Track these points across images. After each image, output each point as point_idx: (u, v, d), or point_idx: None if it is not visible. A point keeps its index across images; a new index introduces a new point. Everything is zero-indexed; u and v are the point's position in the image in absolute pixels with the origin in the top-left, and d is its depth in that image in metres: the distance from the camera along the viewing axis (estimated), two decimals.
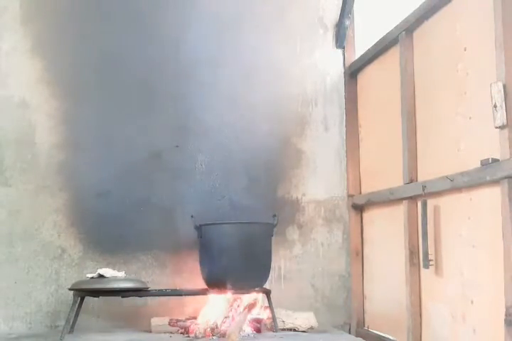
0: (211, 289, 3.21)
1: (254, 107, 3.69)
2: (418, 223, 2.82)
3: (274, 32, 3.77)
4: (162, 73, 3.63)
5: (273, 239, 3.34)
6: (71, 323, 3.14)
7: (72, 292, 3.15)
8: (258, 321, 3.20)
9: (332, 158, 3.78)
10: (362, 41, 3.75)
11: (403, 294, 2.94)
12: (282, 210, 3.61)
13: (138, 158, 3.57)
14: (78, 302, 3.15)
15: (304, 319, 3.28)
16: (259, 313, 3.24)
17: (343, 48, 3.83)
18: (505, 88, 2.16)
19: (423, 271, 2.80)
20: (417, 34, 2.96)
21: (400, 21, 3.05)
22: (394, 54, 3.16)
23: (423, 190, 2.74)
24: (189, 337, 3.06)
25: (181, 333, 3.15)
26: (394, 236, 3.12)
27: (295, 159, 3.74)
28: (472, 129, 2.45)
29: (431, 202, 2.72)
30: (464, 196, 2.49)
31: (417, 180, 2.89)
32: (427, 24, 2.86)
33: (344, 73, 3.82)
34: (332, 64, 3.83)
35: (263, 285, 3.29)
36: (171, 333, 3.17)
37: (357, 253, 3.65)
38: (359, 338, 3.15)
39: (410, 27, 2.97)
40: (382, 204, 3.34)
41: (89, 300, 3.26)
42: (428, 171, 2.83)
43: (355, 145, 3.74)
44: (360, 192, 3.68)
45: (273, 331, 3.17)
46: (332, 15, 3.83)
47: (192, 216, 3.27)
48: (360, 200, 3.60)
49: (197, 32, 3.67)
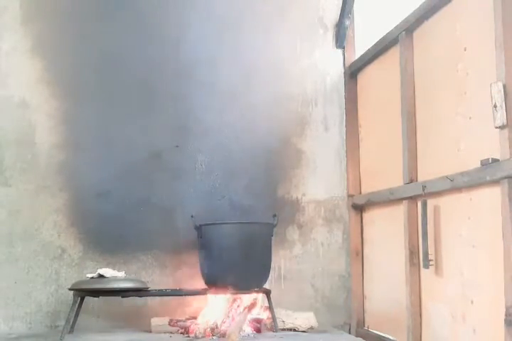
0: (211, 289, 3.21)
1: (254, 107, 3.69)
2: (418, 223, 2.82)
3: (274, 32, 3.77)
4: (162, 73, 3.63)
5: (273, 239, 3.34)
6: (71, 323, 3.14)
7: (72, 292, 3.15)
8: (258, 321, 3.20)
9: (332, 158, 3.78)
10: (362, 41, 3.75)
11: (403, 294, 2.94)
12: (282, 210, 3.61)
13: (138, 158, 3.57)
14: (78, 302, 3.15)
15: (304, 319, 3.28)
16: (259, 313, 3.24)
17: (343, 48, 3.83)
18: (505, 88, 2.16)
19: (423, 271, 2.80)
20: (417, 34, 2.96)
21: (400, 21, 3.05)
22: (394, 54, 3.16)
23: (423, 190, 2.74)
24: (189, 337, 3.06)
25: (181, 333, 3.15)
26: (394, 236, 3.12)
27: (295, 159, 3.74)
28: (472, 129, 2.45)
29: (431, 202, 2.72)
30: (464, 196, 2.49)
31: (417, 180, 2.89)
32: (427, 24, 2.86)
33: (344, 73, 3.82)
34: (332, 64, 3.83)
35: (263, 285, 3.29)
36: (171, 333, 3.18)
37: (357, 253, 3.65)
38: (359, 338, 3.15)
39: (410, 27, 2.97)
40: (382, 204, 3.34)
41: (89, 300, 3.26)
42: (428, 171, 2.82)
43: (355, 145, 3.74)
44: (360, 192, 3.68)
45: (273, 331, 3.17)
46: (332, 15, 3.83)
47: (192, 216, 3.27)
48: (360, 200, 3.60)
49: (197, 32, 3.67)
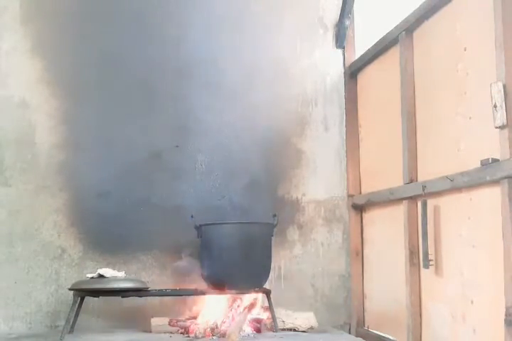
0: (211, 289, 3.21)
1: (254, 107, 3.69)
2: (418, 223, 2.82)
3: (274, 32, 3.77)
4: (162, 73, 3.63)
5: (273, 239, 3.34)
6: (71, 323, 3.14)
7: (72, 292, 3.15)
8: (258, 321, 3.20)
9: (332, 158, 3.78)
10: (362, 41, 3.75)
11: (403, 294, 2.94)
12: (282, 210, 3.61)
13: (138, 158, 3.57)
14: (78, 302, 3.14)
15: (304, 319, 3.28)
16: (259, 313, 3.24)
17: (343, 48, 3.83)
18: (505, 88, 2.16)
19: (423, 271, 2.80)
20: (417, 34, 2.96)
21: (400, 21, 3.05)
22: (394, 54, 3.16)
23: (423, 190, 2.74)
24: (189, 337, 3.06)
25: (181, 333, 3.15)
26: (394, 236, 3.12)
27: (295, 159, 3.74)
28: (472, 129, 2.45)
29: (431, 202, 2.72)
30: (464, 196, 2.49)
31: (417, 180, 2.89)
32: (427, 24, 2.86)
33: (344, 73, 3.82)
34: (332, 64, 3.83)
35: (263, 285, 3.29)
36: (171, 333, 3.17)
37: (357, 253, 3.65)
38: (359, 338, 3.15)
39: (410, 27, 2.97)
40: (382, 204, 3.34)
41: (89, 300, 3.26)
42: (428, 171, 2.82)
43: (355, 145, 3.74)
44: (360, 192, 3.68)
45: (273, 331, 3.17)
46: (332, 15, 3.83)
47: (192, 216, 3.27)
48: (360, 200, 3.60)
49: (197, 32, 3.67)
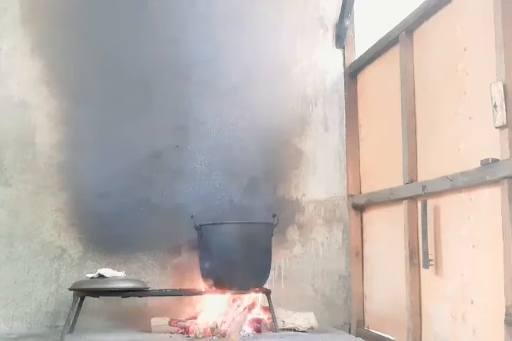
0: (211, 289, 3.21)
1: (254, 107, 3.69)
2: (418, 223, 2.82)
3: (274, 32, 3.77)
4: (162, 73, 3.63)
5: (273, 239, 3.34)
6: (71, 323, 3.14)
7: (72, 292, 3.15)
8: (258, 321, 3.20)
9: (332, 158, 3.78)
10: (362, 41, 3.75)
11: (403, 294, 2.94)
12: (282, 210, 3.61)
13: (138, 158, 3.57)
14: (78, 302, 3.15)
15: (304, 319, 3.28)
16: (259, 313, 3.24)
17: (343, 48, 3.83)
18: (505, 88, 2.16)
19: (423, 271, 2.80)
20: (417, 34, 2.96)
21: (400, 21, 3.05)
22: (394, 54, 3.16)
23: (423, 190, 2.74)
24: (189, 337, 3.06)
25: (181, 333, 3.15)
26: (394, 236, 3.11)
27: (295, 159, 3.74)
28: (472, 129, 2.45)
29: (431, 202, 2.72)
30: (464, 196, 2.49)
31: (417, 180, 2.89)
32: (427, 24, 2.86)
33: (344, 73, 3.82)
34: (332, 64, 3.83)
35: (263, 285, 3.29)
36: (171, 333, 3.17)
37: (357, 253, 3.65)
38: (359, 338, 3.15)
39: (410, 27, 2.97)
40: (382, 204, 3.34)
41: (89, 300, 3.26)
42: (428, 171, 2.82)
43: (355, 145, 3.74)
44: (360, 192, 3.68)
45: (273, 331, 3.17)
46: (332, 15, 3.84)
47: (192, 216, 3.27)
48: (360, 200, 3.60)
49: (197, 32, 3.67)
